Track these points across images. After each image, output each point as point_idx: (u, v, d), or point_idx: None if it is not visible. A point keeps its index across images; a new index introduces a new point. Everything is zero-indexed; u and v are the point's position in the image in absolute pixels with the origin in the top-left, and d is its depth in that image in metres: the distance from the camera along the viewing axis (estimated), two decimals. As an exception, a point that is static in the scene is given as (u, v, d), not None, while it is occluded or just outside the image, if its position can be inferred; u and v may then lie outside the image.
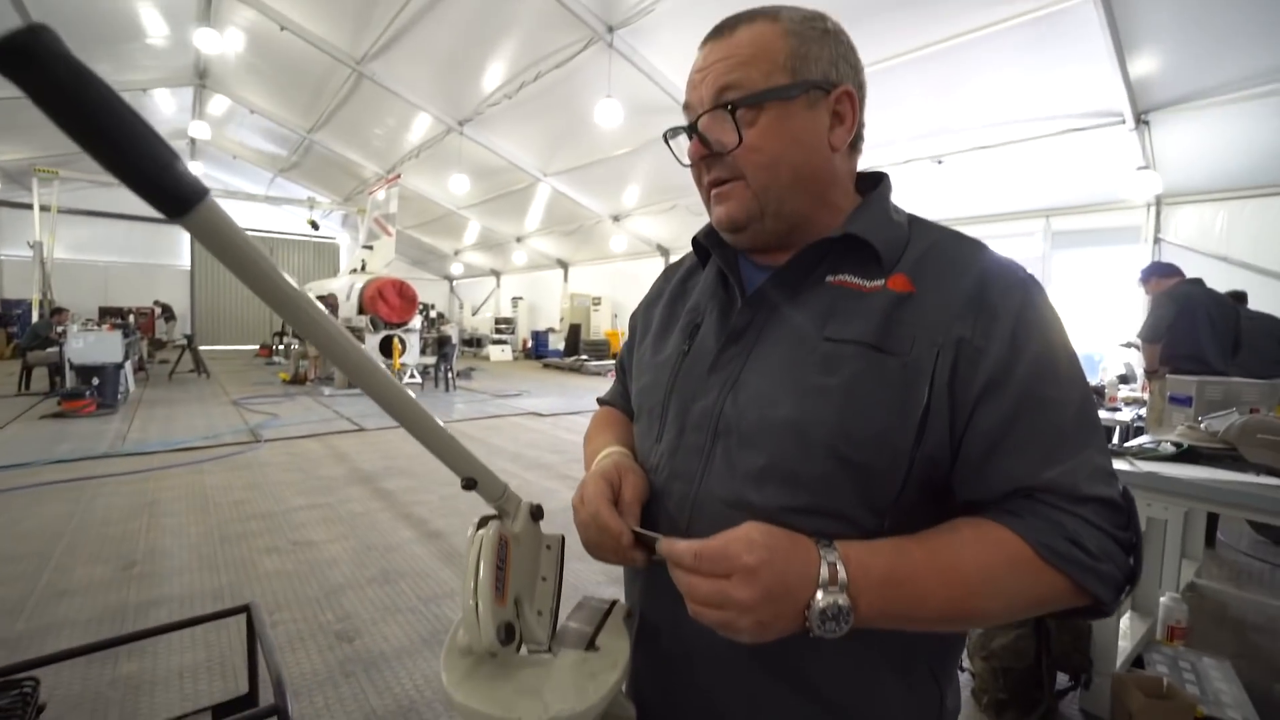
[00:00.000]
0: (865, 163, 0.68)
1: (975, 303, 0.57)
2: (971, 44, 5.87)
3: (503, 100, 9.34)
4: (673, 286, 0.81)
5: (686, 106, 0.65)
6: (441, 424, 0.52)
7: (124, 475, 4.83)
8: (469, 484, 0.55)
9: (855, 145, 0.66)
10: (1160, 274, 4.53)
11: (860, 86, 0.64)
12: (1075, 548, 0.52)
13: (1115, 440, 5.40)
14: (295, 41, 9.07)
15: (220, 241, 0.35)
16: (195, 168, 16.55)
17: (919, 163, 7.67)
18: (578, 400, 9.63)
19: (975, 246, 0.63)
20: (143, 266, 18.54)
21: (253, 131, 14.22)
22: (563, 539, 0.67)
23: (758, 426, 0.60)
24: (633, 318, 0.88)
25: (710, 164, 0.64)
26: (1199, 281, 4.34)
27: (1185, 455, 1.92)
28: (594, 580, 2.92)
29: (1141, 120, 5.92)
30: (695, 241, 0.75)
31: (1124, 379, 5.95)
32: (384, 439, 6.49)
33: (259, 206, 18.46)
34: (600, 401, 0.94)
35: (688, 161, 0.66)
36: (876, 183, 0.70)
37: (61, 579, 2.99)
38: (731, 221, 0.65)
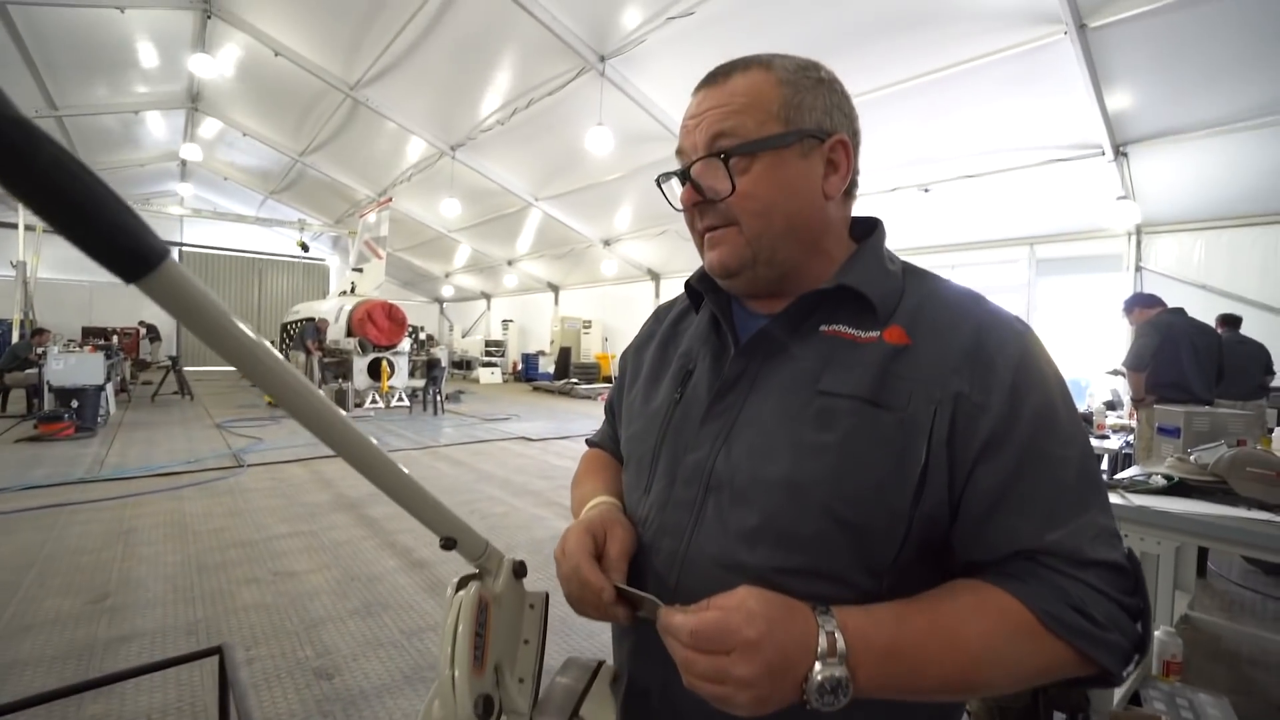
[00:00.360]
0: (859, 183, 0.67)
1: (972, 356, 0.56)
2: (956, 77, 6.04)
3: (495, 126, 9.44)
4: (664, 329, 0.80)
5: (680, 152, 0.65)
6: (419, 482, 0.49)
7: (100, 502, 4.69)
8: (448, 544, 0.52)
9: (850, 192, 0.66)
10: (1143, 304, 4.63)
11: (855, 135, 0.64)
12: (1081, 616, 0.50)
13: (1105, 466, 5.44)
14: (289, 66, 9.14)
15: (183, 304, 0.33)
16: (185, 189, 16.65)
17: (906, 190, 7.82)
18: (568, 424, 9.56)
19: (971, 297, 0.62)
20: (130, 287, 18.23)
21: (244, 154, 14.22)
22: (546, 597, 0.64)
23: (751, 483, 0.58)
24: (622, 359, 0.87)
25: (703, 210, 0.63)
26: (1180, 311, 4.42)
27: (1176, 488, 1.92)
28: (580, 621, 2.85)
29: (1120, 152, 6.09)
30: (688, 285, 0.75)
31: (1111, 405, 6.00)
32: (370, 464, 6.37)
33: (249, 228, 18.44)
34: (589, 443, 0.92)
35: (680, 206, 0.66)
36: (871, 228, 0.69)
37: (28, 612, 2.88)
38: (724, 267, 0.64)
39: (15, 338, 11.18)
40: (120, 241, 0.30)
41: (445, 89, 9.02)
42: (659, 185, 0.69)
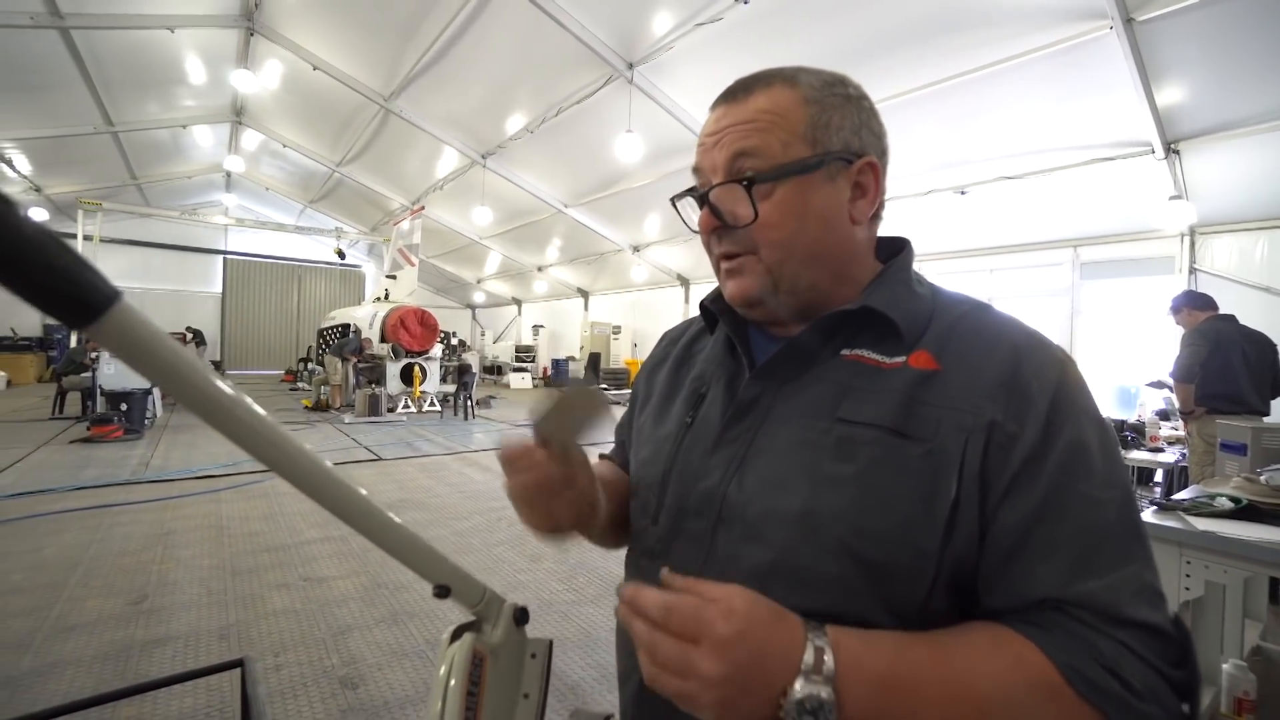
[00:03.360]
0: (887, 191, 0.62)
1: (1009, 382, 0.51)
2: (994, 76, 5.82)
3: (525, 134, 9.53)
4: (678, 351, 0.76)
5: (696, 170, 0.61)
6: (408, 528, 0.46)
7: (143, 503, 4.86)
8: (441, 592, 0.48)
9: (877, 214, 0.61)
10: (1194, 305, 4.30)
11: (883, 154, 0.60)
12: (1112, 678, 0.43)
13: (1159, 480, 5.14)
14: (326, 80, 9.41)
15: (134, 349, 0.30)
16: (229, 199, 17.30)
17: (941, 194, 7.59)
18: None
19: (1006, 321, 0.57)
20: (177, 293, 19.13)
21: (285, 164, 14.71)
22: (550, 645, 0.59)
23: (764, 516, 0.54)
24: (634, 383, 0.84)
25: (721, 235, 0.59)
26: (1231, 318, 4.15)
27: (1244, 512, 1.77)
28: (603, 636, 2.81)
29: (1171, 149, 5.79)
30: (703, 306, 0.70)
31: (1164, 415, 5.69)
32: (400, 470, 6.47)
33: (289, 236, 19.05)
34: (601, 457, 0.90)
35: (697, 228, 0.62)
36: (899, 249, 0.65)
37: (72, 612, 2.97)
38: (744, 298, 0.60)
39: (74, 342, 11.73)
40: (64, 289, 0.28)
41: (476, 99, 9.15)
42: (674, 205, 0.65)
